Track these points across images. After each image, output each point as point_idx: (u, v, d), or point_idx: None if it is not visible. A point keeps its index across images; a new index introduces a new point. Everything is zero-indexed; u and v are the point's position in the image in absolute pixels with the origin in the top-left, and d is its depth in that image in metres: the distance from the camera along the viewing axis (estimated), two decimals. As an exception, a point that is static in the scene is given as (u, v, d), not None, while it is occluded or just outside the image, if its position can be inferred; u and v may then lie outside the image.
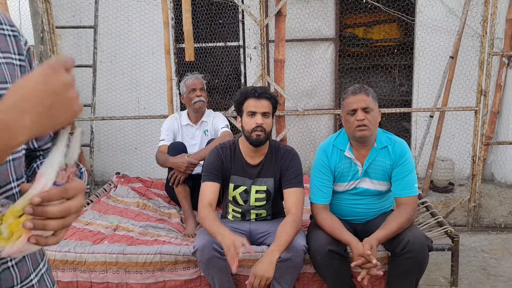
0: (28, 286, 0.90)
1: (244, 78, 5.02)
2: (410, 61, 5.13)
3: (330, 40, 4.89)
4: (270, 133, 2.37)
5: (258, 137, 2.30)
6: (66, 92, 0.69)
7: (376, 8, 4.69)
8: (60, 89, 0.68)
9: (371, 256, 2.08)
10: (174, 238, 2.65)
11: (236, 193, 2.45)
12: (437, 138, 4.36)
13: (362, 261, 2.11)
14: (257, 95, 2.31)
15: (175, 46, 4.85)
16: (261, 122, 2.29)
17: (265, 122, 2.31)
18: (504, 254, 3.28)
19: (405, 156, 2.34)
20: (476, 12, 4.39)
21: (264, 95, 2.32)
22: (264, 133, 2.31)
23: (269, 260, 2.07)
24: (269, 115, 2.35)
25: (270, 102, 2.34)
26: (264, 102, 2.32)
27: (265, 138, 2.34)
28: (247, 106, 2.33)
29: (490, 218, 3.85)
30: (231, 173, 2.43)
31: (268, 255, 2.09)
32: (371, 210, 2.46)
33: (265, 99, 2.32)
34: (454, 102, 4.55)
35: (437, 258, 3.09)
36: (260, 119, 2.30)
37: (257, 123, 2.29)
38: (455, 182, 4.66)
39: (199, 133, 3.25)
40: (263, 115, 2.31)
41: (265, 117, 2.32)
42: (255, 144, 2.33)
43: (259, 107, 2.31)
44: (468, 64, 4.57)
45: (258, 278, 2.03)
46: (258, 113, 2.31)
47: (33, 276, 0.91)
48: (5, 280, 0.85)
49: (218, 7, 4.84)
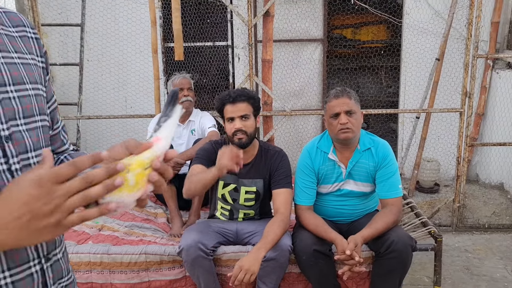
0: (69, 277, 0.92)
1: (232, 78, 5.02)
2: (397, 62, 5.17)
3: (318, 40, 4.91)
4: (253, 134, 2.36)
5: (240, 140, 2.30)
6: (50, 218, 0.64)
7: (364, 10, 4.72)
8: (44, 215, 0.64)
9: (353, 253, 2.10)
10: (159, 238, 2.64)
11: (226, 191, 2.45)
12: (423, 139, 4.40)
13: (344, 257, 2.12)
14: (232, 100, 2.31)
15: (163, 45, 4.83)
16: (239, 126, 2.29)
17: (245, 124, 2.30)
18: (487, 254, 3.32)
19: (388, 158, 2.36)
20: (461, 15, 4.44)
21: (240, 98, 2.31)
22: (246, 135, 2.31)
23: (255, 256, 2.08)
24: (249, 117, 2.33)
25: (248, 103, 2.33)
26: (240, 106, 2.31)
27: (248, 140, 2.33)
28: (225, 112, 2.34)
29: (474, 218, 3.90)
30: None
31: (255, 252, 2.10)
32: (356, 211, 2.48)
33: (241, 101, 2.31)
34: (440, 104, 4.60)
35: (421, 258, 3.13)
36: (238, 124, 2.29)
37: (235, 128, 2.29)
38: (440, 183, 4.71)
39: (186, 133, 3.24)
40: (241, 118, 2.30)
41: (244, 120, 2.31)
42: (239, 147, 2.32)
43: (235, 111, 2.30)
44: (453, 66, 4.62)
45: (243, 271, 2.04)
46: (236, 117, 2.30)
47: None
48: (56, 271, 0.86)
49: (206, 6, 4.83)
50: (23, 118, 0.80)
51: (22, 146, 0.79)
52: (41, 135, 0.85)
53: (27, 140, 0.81)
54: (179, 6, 3.32)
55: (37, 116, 0.85)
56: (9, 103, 0.78)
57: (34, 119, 0.84)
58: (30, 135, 0.82)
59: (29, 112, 0.82)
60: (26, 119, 0.81)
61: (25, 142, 0.80)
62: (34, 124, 0.83)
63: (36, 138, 0.83)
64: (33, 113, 0.84)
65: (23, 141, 0.80)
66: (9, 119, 0.77)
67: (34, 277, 0.80)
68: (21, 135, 0.80)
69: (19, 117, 0.80)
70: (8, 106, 0.78)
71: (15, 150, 0.78)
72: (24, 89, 0.83)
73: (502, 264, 3.17)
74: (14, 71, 0.82)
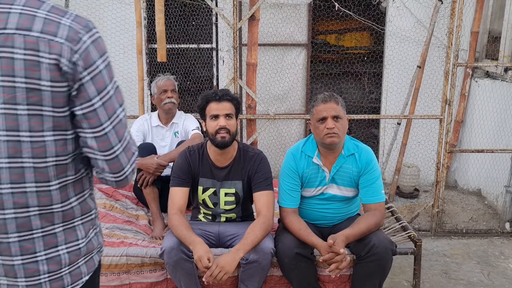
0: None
1: (216, 80, 5.01)
2: (380, 69, 5.25)
3: (302, 45, 4.95)
4: (235, 134, 2.37)
5: (223, 139, 2.30)
6: None
7: (348, 16, 4.78)
8: None
9: (334, 247, 2.12)
10: (141, 240, 2.62)
11: (205, 196, 2.45)
12: (404, 145, 4.47)
13: (329, 256, 2.14)
14: (218, 98, 2.32)
15: (147, 46, 4.80)
16: (224, 124, 2.30)
17: (229, 123, 2.32)
18: (465, 259, 3.39)
19: (371, 164, 2.39)
20: (443, 24, 4.54)
21: (225, 97, 2.33)
22: (229, 134, 2.31)
23: (233, 256, 2.09)
24: (233, 116, 2.35)
25: (232, 103, 2.35)
26: (225, 104, 2.32)
27: (230, 139, 2.33)
28: (209, 110, 2.34)
29: (452, 223, 3.97)
30: (199, 176, 2.42)
31: (233, 252, 2.11)
32: (338, 215, 2.50)
33: (226, 101, 2.33)
34: (421, 110, 4.68)
35: (401, 262, 3.17)
36: (223, 121, 2.30)
37: (220, 125, 2.29)
38: (420, 188, 4.79)
39: (169, 135, 3.23)
40: (226, 116, 2.32)
41: (228, 119, 2.33)
42: (221, 145, 2.33)
43: (221, 109, 2.31)
44: (434, 74, 4.71)
45: (218, 268, 2.05)
46: (221, 115, 2.31)
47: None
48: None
49: (191, 8, 4.83)
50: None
51: None
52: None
53: None
54: (163, 7, 3.31)
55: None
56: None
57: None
58: None
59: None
60: None
61: None
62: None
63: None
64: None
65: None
66: None
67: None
68: None
69: None
70: None
71: None
72: None
73: (479, 269, 3.23)
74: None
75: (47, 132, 1.05)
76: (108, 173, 1.14)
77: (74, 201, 1.15)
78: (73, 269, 1.16)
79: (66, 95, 1.05)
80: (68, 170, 1.12)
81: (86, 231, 1.19)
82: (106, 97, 1.08)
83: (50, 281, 1.12)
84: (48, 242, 1.11)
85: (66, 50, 1.02)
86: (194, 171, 2.41)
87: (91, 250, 1.21)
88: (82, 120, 1.07)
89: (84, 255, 1.19)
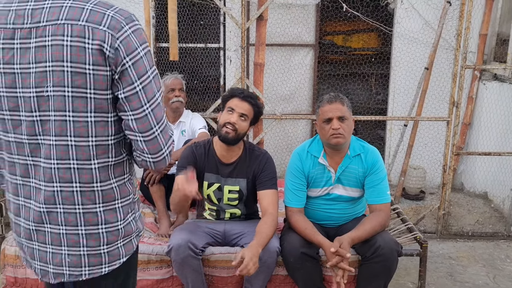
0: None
1: (224, 80, 5.03)
2: (387, 70, 5.24)
3: (309, 46, 4.95)
4: (241, 136, 2.38)
5: (227, 134, 2.32)
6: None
7: (356, 17, 4.78)
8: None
9: (339, 250, 2.12)
10: (147, 238, 2.63)
11: (210, 191, 2.46)
12: (410, 146, 4.46)
13: (336, 260, 2.14)
14: (242, 96, 2.36)
15: (155, 45, 4.83)
16: (234, 120, 2.32)
17: (239, 123, 2.33)
18: (471, 262, 3.38)
19: (377, 164, 2.39)
20: (451, 26, 4.52)
21: (248, 99, 2.36)
22: (234, 133, 2.33)
23: (256, 250, 2.04)
24: (247, 119, 2.36)
25: (252, 107, 2.37)
26: (246, 105, 2.35)
27: (233, 138, 2.34)
28: (230, 103, 2.37)
29: (458, 226, 3.96)
30: (205, 171, 2.44)
31: (254, 247, 2.05)
32: (344, 215, 2.51)
33: (248, 102, 2.36)
34: (428, 112, 4.66)
35: (406, 264, 3.17)
36: (235, 118, 2.32)
37: (230, 120, 2.32)
38: (426, 190, 4.77)
39: (177, 133, 3.24)
40: (240, 115, 2.34)
41: (241, 119, 2.34)
42: (223, 139, 2.34)
43: (239, 107, 2.34)
44: (442, 76, 4.70)
45: (250, 259, 1.98)
46: (236, 112, 2.33)
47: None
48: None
49: (199, 8, 4.84)
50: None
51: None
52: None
53: None
54: (176, 6, 3.31)
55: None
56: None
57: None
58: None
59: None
60: None
61: None
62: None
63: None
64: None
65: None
66: None
67: None
68: None
69: None
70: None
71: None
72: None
73: (484, 272, 3.22)
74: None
75: (90, 113, 1.17)
76: (148, 154, 1.24)
77: (114, 183, 1.26)
78: (112, 249, 1.27)
79: (109, 79, 1.17)
80: (109, 151, 1.23)
81: (124, 214, 1.28)
82: (146, 82, 1.20)
83: (89, 255, 1.25)
84: (88, 219, 1.23)
85: (109, 37, 1.14)
86: (200, 165, 2.43)
87: (130, 233, 1.31)
88: (124, 103, 1.19)
89: (123, 237, 1.29)
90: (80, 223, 1.23)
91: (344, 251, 2.13)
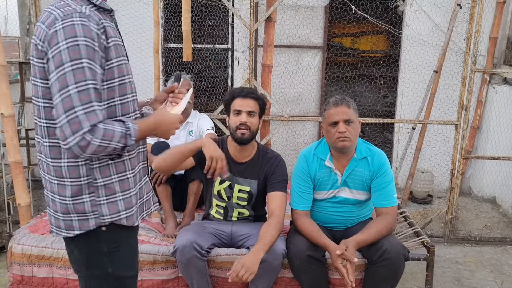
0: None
1: (231, 81, 5.03)
2: (395, 73, 5.21)
3: (318, 48, 4.94)
4: (255, 132, 2.39)
5: (242, 135, 2.33)
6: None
7: (365, 19, 4.76)
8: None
9: (345, 253, 2.10)
10: (153, 238, 2.63)
11: (221, 188, 2.47)
12: (418, 150, 4.43)
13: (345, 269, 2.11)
14: (244, 94, 2.36)
15: (163, 46, 4.84)
16: (245, 120, 2.32)
17: (250, 120, 2.34)
18: (478, 267, 3.35)
19: (384, 168, 2.38)
20: (461, 29, 4.49)
21: (250, 95, 2.37)
22: (249, 131, 2.34)
23: (256, 257, 2.06)
24: (255, 115, 2.37)
25: (256, 102, 2.38)
26: (250, 101, 2.35)
27: (249, 137, 2.36)
28: (233, 105, 2.37)
29: (466, 230, 3.93)
30: None
31: (255, 253, 2.07)
32: (350, 218, 2.49)
33: (251, 98, 2.36)
34: (436, 116, 4.63)
35: (413, 268, 3.14)
36: (244, 117, 2.33)
37: (241, 121, 2.32)
38: (433, 194, 4.74)
39: (184, 134, 3.25)
40: (248, 114, 2.34)
41: (251, 116, 2.35)
42: (239, 141, 2.35)
43: (244, 105, 2.34)
44: (451, 79, 4.67)
45: (244, 269, 1.99)
46: (243, 111, 2.34)
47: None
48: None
49: (208, 9, 4.85)
50: None
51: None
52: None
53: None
54: (189, 7, 3.31)
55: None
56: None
57: None
58: None
59: None
60: None
61: None
62: None
63: None
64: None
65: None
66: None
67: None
68: None
69: None
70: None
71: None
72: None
73: (492, 277, 3.19)
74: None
75: (40, 99, 1.38)
76: (60, 140, 1.32)
77: (63, 163, 1.41)
78: (66, 219, 1.44)
79: (45, 69, 1.34)
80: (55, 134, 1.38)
81: (74, 192, 1.41)
82: (60, 73, 1.29)
83: (52, 217, 1.48)
84: (48, 186, 1.47)
85: (43, 33, 1.32)
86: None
87: (82, 211, 1.43)
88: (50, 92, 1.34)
89: (75, 213, 1.43)
90: (47, 188, 1.48)
91: (350, 255, 2.11)
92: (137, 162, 1.52)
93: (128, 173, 1.47)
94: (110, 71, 1.37)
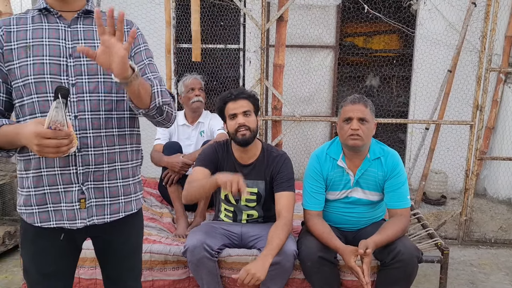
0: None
1: (243, 81, 5.02)
2: (409, 72, 5.16)
3: (330, 47, 4.91)
4: (256, 130, 2.38)
5: (244, 136, 2.32)
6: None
7: (377, 19, 4.72)
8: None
9: (359, 251, 2.09)
10: (165, 238, 2.64)
11: (228, 191, 2.45)
12: (431, 150, 4.38)
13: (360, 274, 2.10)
14: (234, 97, 2.35)
15: (175, 46, 4.85)
16: (242, 121, 2.31)
17: (247, 120, 2.33)
18: (493, 269, 3.29)
19: (398, 168, 2.35)
20: (476, 28, 4.42)
21: (241, 95, 2.35)
22: (249, 131, 2.32)
23: (263, 263, 2.06)
24: (251, 113, 2.36)
25: (249, 100, 2.36)
26: (242, 102, 2.34)
27: (251, 136, 2.34)
28: (227, 110, 2.36)
29: (480, 232, 3.86)
30: (224, 171, 2.43)
31: (262, 259, 2.08)
32: (363, 219, 2.47)
33: (242, 99, 2.35)
34: (450, 116, 4.57)
35: (426, 270, 3.10)
36: (241, 119, 2.32)
37: (239, 123, 2.31)
38: (447, 195, 4.68)
39: (195, 134, 3.25)
40: (244, 114, 2.33)
41: (247, 116, 2.34)
42: (242, 143, 2.34)
43: (238, 107, 2.33)
44: (465, 79, 4.60)
45: (250, 275, 2.01)
46: (238, 113, 2.33)
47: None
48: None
49: (219, 9, 4.85)
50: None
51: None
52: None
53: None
54: (199, 7, 3.32)
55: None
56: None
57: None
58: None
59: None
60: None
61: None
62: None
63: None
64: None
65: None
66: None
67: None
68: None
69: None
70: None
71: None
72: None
73: (508, 280, 3.13)
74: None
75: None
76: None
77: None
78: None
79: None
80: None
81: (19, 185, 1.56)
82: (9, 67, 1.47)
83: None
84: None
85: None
86: (220, 163, 2.44)
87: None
88: None
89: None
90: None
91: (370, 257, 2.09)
92: (31, 167, 1.47)
93: (22, 172, 1.51)
94: (11, 72, 1.44)
